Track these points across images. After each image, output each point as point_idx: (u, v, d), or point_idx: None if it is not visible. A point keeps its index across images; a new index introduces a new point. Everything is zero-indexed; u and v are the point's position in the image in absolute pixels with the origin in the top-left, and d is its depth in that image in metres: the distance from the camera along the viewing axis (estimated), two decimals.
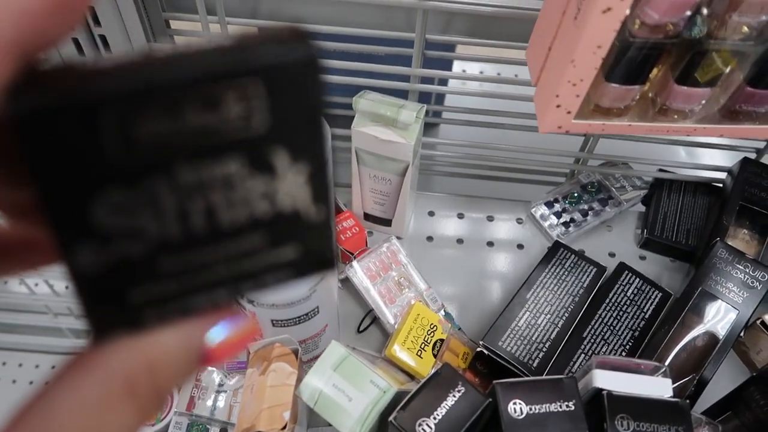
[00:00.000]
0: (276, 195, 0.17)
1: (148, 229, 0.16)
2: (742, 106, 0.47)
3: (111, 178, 0.15)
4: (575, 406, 0.46)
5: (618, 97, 0.46)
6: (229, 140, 0.15)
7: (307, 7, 0.66)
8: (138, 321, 0.17)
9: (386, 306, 0.66)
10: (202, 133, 0.15)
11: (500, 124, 0.73)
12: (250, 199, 0.17)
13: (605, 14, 0.38)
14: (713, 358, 0.59)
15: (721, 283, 0.62)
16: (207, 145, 0.15)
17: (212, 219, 0.16)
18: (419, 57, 0.64)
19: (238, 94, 0.15)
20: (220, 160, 0.16)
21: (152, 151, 0.15)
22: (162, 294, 0.17)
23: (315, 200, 0.18)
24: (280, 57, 0.15)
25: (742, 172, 0.71)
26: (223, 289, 0.18)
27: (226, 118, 0.15)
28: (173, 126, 0.15)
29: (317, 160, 0.17)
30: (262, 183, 0.16)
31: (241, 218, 0.17)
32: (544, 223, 0.75)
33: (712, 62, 0.45)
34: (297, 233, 0.18)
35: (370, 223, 0.74)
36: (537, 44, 0.49)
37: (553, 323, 0.62)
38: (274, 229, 0.18)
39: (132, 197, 0.15)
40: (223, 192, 0.16)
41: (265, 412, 0.47)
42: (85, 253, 0.15)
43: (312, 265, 0.19)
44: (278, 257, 0.18)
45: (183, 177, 0.16)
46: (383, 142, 0.62)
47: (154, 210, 0.16)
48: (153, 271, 0.16)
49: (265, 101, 0.15)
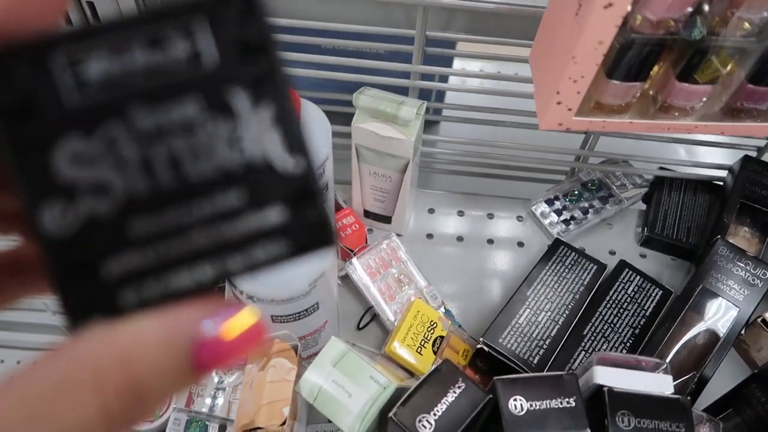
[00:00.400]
0: (242, 141, 0.16)
1: (113, 183, 0.16)
2: (743, 104, 0.47)
3: (68, 124, 0.15)
4: (576, 403, 0.46)
5: (619, 94, 0.46)
6: (180, 80, 0.16)
7: (307, 3, 0.66)
8: (114, 303, 0.16)
9: (386, 303, 0.66)
10: (152, 73, 0.15)
11: (500, 122, 0.73)
12: (215, 147, 0.16)
13: (607, 10, 0.38)
14: (714, 355, 0.59)
15: (722, 280, 0.62)
16: (159, 86, 0.16)
17: (178, 170, 0.16)
18: (420, 54, 0.64)
19: (181, 31, 0.15)
20: (175, 101, 0.16)
21: (105, 94, 0.15)
22: (138, 267, 0.16)
23: (289, 149, 0.17)
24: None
25: (742, 170, 0.71)
26: (207, 264, 0.16)
27: (174, 56, 0.15)
28: (122, 66, 0.15)
29: (280, 100, 0.16)
30: (223, 127, 0.16)
31: (209, 170, 0.16)
32: (544, 220, 0.75)
33: (711, 63, 0.45)
34: (277, 190, 0.17)
35: (370, 220, 0.74)
36: (541, 42, 0.49)
37: (554, 320, 0.62)
38: (250, 185, 0.16)
39: (91, 145, 0.15)
40: (184, 138, 0.16)
41: (264, 407, 0.47)
42: (52, 213, 0.15)
43: (306, 236, 0.17)
44: (262, 221, 0.17)
45: (139, 121, 0.15)
46: (383, 139, 0.62)
47: (116, 159, 0.15)
48: (124, 234, 0.16)
49: (211, 37, 0.16)
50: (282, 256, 0.17)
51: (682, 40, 0.43)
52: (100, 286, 0.16)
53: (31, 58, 0.15)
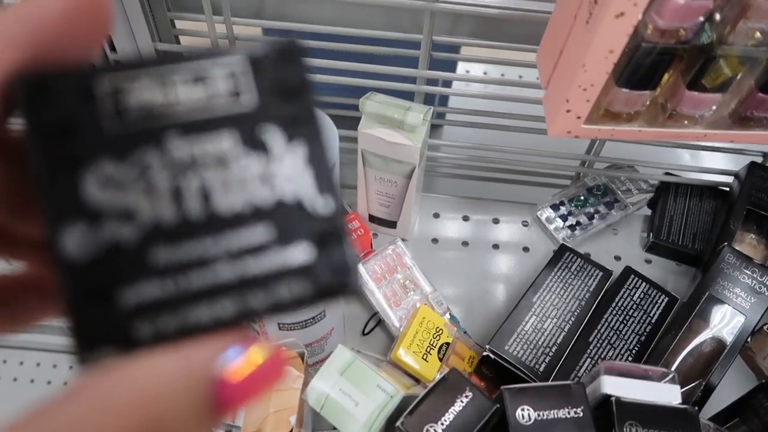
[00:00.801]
0: (274, 178, 0.16)
1: (140, 210, 0.16)
2: (753, 112, 0.47)
3: (104, 148, 0.15)
4: (583, 413, 0.46)
5: (629, 102, 0.45)
6: (219, 115, 0.16)
7: (313, 8, 0.66)
8: (128, 334, 0.15)
9: (391, 309, 0.65)
10: (192, 107, 0.16)
11: (505, 126, 0.73)
12: (247, 181, 0.16)
13: (618, 19, 0.38)
14: (720, 363, 0.59)
15: (728, 288, 0.62)
16: (198, 120, 0.16)
17: (208, 201, 0.16)
18: (426, 58, 0.64)
19: (225, 71, 0.16)
20: (212, 135, 0.16)
21: (144, 122, 0.16)
22: (155, 298, 0.15)
23: (319, 189, 0.17)
24: (263, 44, 0.17)
25: (749, 176, 0.71)
26: (228, 300, 0.16)
27: (215, 94, 0.16)
28: (164, 98, 0.16)
29: (314, 141, 0.17)
30: (257, 163, 0.16)
31: (239, 203, 0.16)
32: (549, 226, 0.75)
33: (720, 68, 0.44)
34: (304, 229, 0.17)
35: (375, 225, 0.73)
36: (548, 48, 0.48)
37: (560, 327, 0.62)
38: (278, 222, 0.16)
39: (123, 171, 0.15)
40: (217, 170, 0.16)
41: (271, 416, 0.47)
42: (74, 234, 0.15)
43: (329, 277, 0.17)
44: (287, 258, 0.16)
45: (175, 151, 0.16)
46: (390, 144, 0.61)
47: (146, 186, 0.16)
48: (145, 263, 0.15)
49: (251, 78, 0.17)
50: (305, 295, 0.16)
51: (693, 48, 0.43)
52: (114, 316, 0.15)
53: (78, 82, 0.15)
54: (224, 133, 0.16)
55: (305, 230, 0.17)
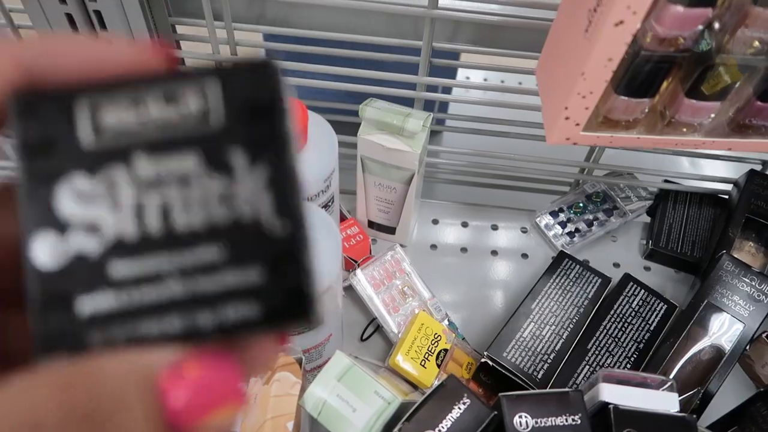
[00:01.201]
0: (234, 199, 0.17)
1: (105, 224, 0.16)
2: (751, 120, 0.47)
3: (79, 163, 0.16)
4: (581, 420, 0.46)
5: (627, 109, 0.46)
6: (186, 135, 0.17)
7: (314, 14, 0.66)
8: (81, 340, 0.16)
9: (390, 315, 0.65)
10: (162, 126, 0.17)
11: (505, 133, 0.73)
12: (207, 201, 0.16)
13: (617, 27, 0.38)
14: (719, 371, 0.58)
15: (727, 295, 0.62)
16: (166, 138, 0.16)
17: (167, 219, 0.16)
18: (426, 65, 0.64)
19: (195, 90, 0.17)
20: (177, 154, 0.16)
21: (117, 140, 0.16)
22: (109, 308, 0.16)
23: (278, 211, 0.17)
24: (237, 62, 0.17)
25: (748, 184, 0.71)
26: (177, 317, 0.16)
27: (185, 113, 0.17)
28: (137, 116, 0.16)
29: (278, 163, 0.17)
30: (219, 183, 0.17)
31: (197, 222, 0.16)
32: (548, 232, 0.75)
33: (719, 75, 0.45)
34: (259, 250, 0.16)
35: (374, 231, 0.73)
36: (548, 56, 0.49)
37: (558, 334, 0.62)
38: (234, 241, 0.16)
39: (93, 185, 0.16)
40: (179, 189, 0.16)
41: (268, 422, 0.47)
42: (44, 243, 0.16)
43: (279, 301, 0.16)
44: (238, 279, 0.16)
45: (141, 169, 0.16)
46: (389, 151, 0.62)
47: (112, 202, 0.16)
48: (104, 275, 0.16)
49: (221, 97, 0.17)
50: (251, 318, 0.16)
51: (692, 56, 0.43)
52: (71, 322, 0.16)
53: (62, 101, 0.16)
54: (189, 152, 0.17)
55: (260, 252, 0.16)
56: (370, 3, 0.58)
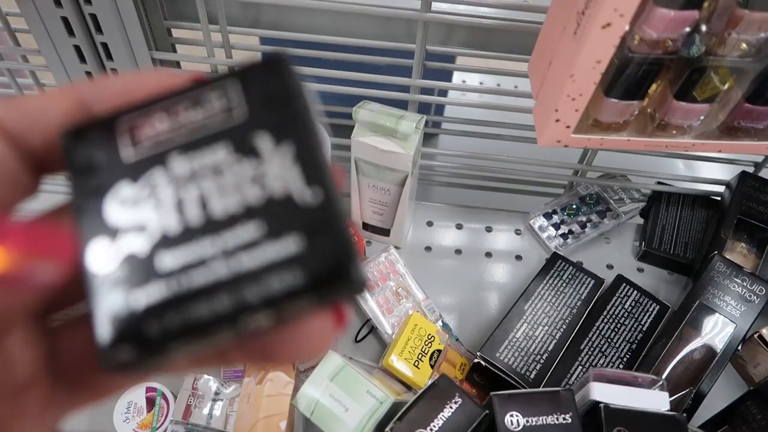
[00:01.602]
0: (265, 178, 0.18)
1: (151, 221, 0.18)
2: (740, 123, 0.48)
3: (122, 175, 0.18)
4: (572, 419, 0.46)
5: (617, 112, 0.46)
6: (214, 131, 0.18)
7: (308, 17, 0.67)
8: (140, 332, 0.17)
9: (384, 316, 0.66)
10: (192, 129, 0.18)
11: (499, 135, 0.73)
12: (240, 185, 0.18)
13: (605, 30, 0.39)
14: (711, 371, 0.59)
15: (719, 296, 0.62)
16: (197, 138, 0.18)
17: (205, 207, 0.18)
18: (419, 68, 0.64)
19: (219, 93, 0.19)
20: (208, 149, 0.18)
21: (153, 149, 0.18)
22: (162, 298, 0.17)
23: (308, 181, 0.17)
24: (252, 60, 0.19)
25: (740, 185, 0.71)
26: (225, 295, 0.17)
27: (211, 113, 0.18)
28: (170, 125, 0.19)
29: (302, 139, 0.18)
30: (249, 167, 0.18)
31: (233, 205, 0.18)
32: (542, 234, 0.75)
33: (710, 81, 0.45)
34: (294, 220, 0.17)
35: (369, 233, 0.74)
36: (539, 58, 0.49)
37: (551, 335, 0.62)
38: (269, 217, 0.17)
39: (137, 191, 0.18)
40: (213, 179, 0.18)
41: (261, 421, 0.47)
42: (100, 250, 0.18)
43: (320, 265, 0.17)
44: (279, 251, 0.17)
45: (177, 167, 0.18)
46: (383, 152, 0.62)
47: (155, 201, 0.18)
48: (154, 268, 0.17)
49: (241, 94, 0.19)
50: (296, 285, 0.17)
51: (680, 59, 0.44)
52: (130, 317, 0.17)
53: (101, 128, 0.19)
54: (218, 145, 0.18)
55: (295, 222, 0.17)
56: (363, 6, 0.58)
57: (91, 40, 0.60)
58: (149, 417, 0.57)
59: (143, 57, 0.63)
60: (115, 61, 0.62)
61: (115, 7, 0.57)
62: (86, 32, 0.59)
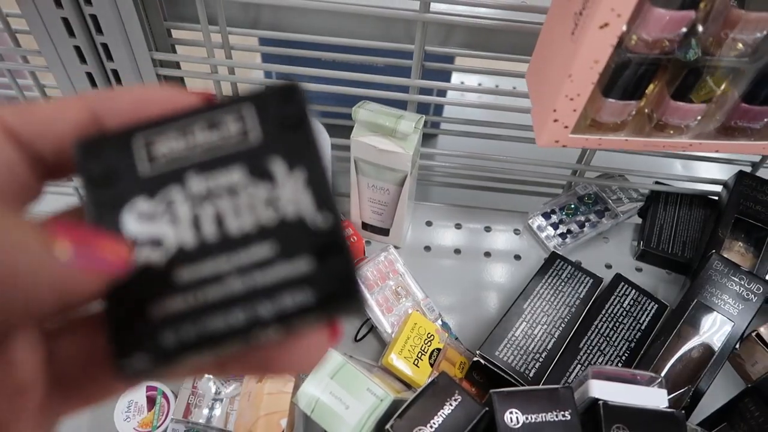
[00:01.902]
0: (278, 201, 0.19)
1: (167, 237, 0.18)
2: (737, 122, 0.48)
3: (139, 188, 0.19)
4: (571, 416, 0.46)
5: (615, 112, 0.46)
6: (230, 153, 0.19)
7: (308, 18, 0.67)
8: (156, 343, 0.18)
9: (383, 315, 0.66)
10: (208, 149, 0.19)
11: (498, 136, 0.74)
12: (255, 206, 0.19)
13: (602, 30, 0.39)
14: (709, 369, 0.59)
15: (717, 295, 0.63)
16: (213, 158, 0.19)
17: (221, 225, 0.18)
18: (418, 68, 0.65)
19: (233, 115, 0.19)
20: (224, 169, 0.19)
21: (170, 165, 0.19)
22: (179, 311, 0.18)
23: (319, 207, 0.18)
24: (267, 86, 0.20)
25: (737, 185, 0.72)
26: (240, 310, 0.18)
27: (226, 135, 0.19)
28: (186, 144, 0.19)
29: (313, 166, 0.19)
30: (263, 190, 0.19)
31: (248, 225, 0.18)
32: (541, 234, 0.76)
33: (705, 84, 0.45)
34: (306, 242, 0.18)
35: (368, 233, 0.74)
36: (537, 59, 0.49)
37: (550, 333, 0.62)
38: (282, 238, 0.18)
39: (154, 206, 0.19)
40: (229, 199, 0.19)
41: (262, 419, 0.48)
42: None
43: (330, 285, 0.18)
44: (291, 270, 0.18)
45: (194, 186, 0.19)
46: (382, 152, 0.62)
47: (171, 216, 0.19)
48: (170, 281, 0.18)
49: (256, 118, 0.19)
50: (307, 303, 0.18)
51: (677, 59, 0.44)
52: (146, 327, 0.18)
53: (117, 141, 0.19)
54: (234, 167, 0.19)
55: (307, 244, 0.18)
56: (362, 7, 0.59)
57: (92, 41, 0.61)
58: (150, 416, 0.57)
59: (143, 57, 0.63)
60: (116, 61, 0.63)
61: (115, 7, 0.57)
62: (86, 33, 0.60)
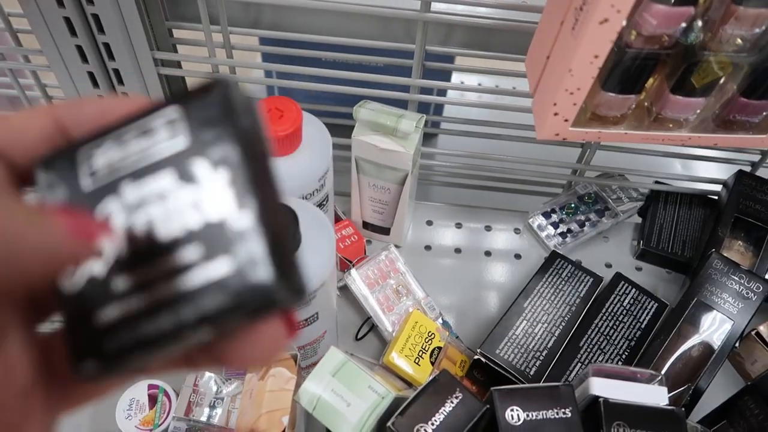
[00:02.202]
0: (202, 204, 0.18)
1: (106, 247, 0.19)
2: (735, 116, 0.48)
3: (82, 203, 0.19)
4: (572, 413, 0.46)
5: (614, 105, 0.47)
6: (161, 158, 0.19)
7: (309, 18, 0.67)
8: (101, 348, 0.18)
9: (384, 314, 0.66)
10: (142, 156, 0.19)
11: (498, 135, 0.74)
12: (182, 210, 0.19)
13: (602, 25, 0.39)
14: (708, 368, 0.59)
15: (717, 293, 0.63)
16: (145, 165, 0.19)
17: (152, 232, 0.19)
18: (419, 68, 0.65)
19: (164, 120, 0.19)
20: (155, 176, 0.19)
21: (108, 177, 0.19)
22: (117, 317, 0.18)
23: (239, 206, 0.18)
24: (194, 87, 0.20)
25: (737, 184, 0.72)
26: (166, 315, 0.18)
27: (157, 141, 0.19)
28: (121, 153, 0.19)
29: (236, 162, 0.19)
30: (188, 193, 0.19)
31: (176, 229, 0.18)
32: (541, 233, 0.76)
33: (710, 67, 0.45)
34: (225, 243, 0.18)
35: (369, 232, 0.74)
36: (536, 54, 0.50)
37: (550, 332, 0.63)
38: (206, 240, 0.18)
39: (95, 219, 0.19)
40: (159, 205, 0.19)
41: (263, 416, 0.48)
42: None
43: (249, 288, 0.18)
44: (210, 273, 0.18)
45: (129, 195, 0.19)
46: (383, 151, 0.62)
47: (109, 229, 0.19)
48: (110, 290, 0.19)
49: (184, 121, 0.19)
50: (225, 305, 0.18)
51: (676, 53, 0.44)
52: (93, 333, 0.19)
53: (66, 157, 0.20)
54: (163, 172, 0.19)
55: (226, 245, 0.18)
56: (363, 6, 0.59)
57: (93, 41, 0.61)
58: (151, 414, 0.57)
59: (145, 57, 0.63)
60: (117, 61, 0.63)
61: (117, 7, 0.58)
62: (88, 32, 0.60)
